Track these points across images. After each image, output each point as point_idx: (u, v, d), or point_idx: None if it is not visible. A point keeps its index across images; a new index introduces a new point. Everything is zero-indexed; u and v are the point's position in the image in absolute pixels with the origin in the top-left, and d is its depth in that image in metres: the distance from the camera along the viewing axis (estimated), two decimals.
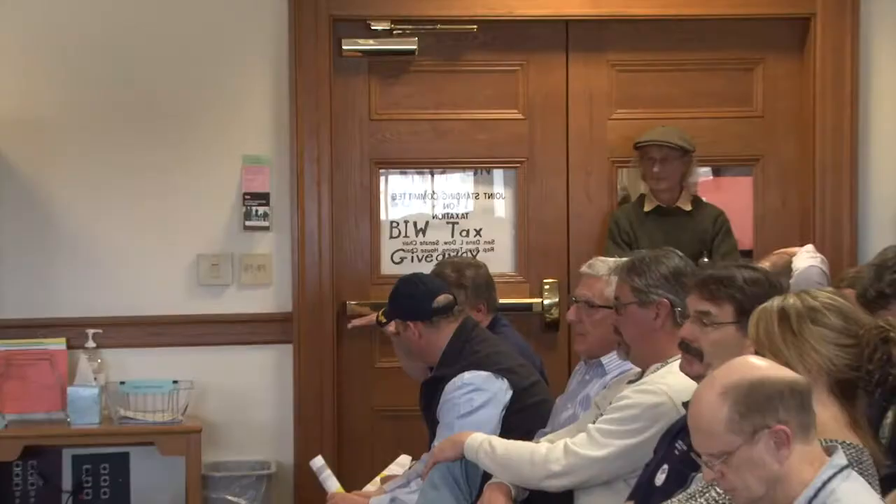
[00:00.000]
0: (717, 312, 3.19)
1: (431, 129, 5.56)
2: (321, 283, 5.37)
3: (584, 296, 4.01)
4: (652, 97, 5.60)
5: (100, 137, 5.28)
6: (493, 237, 5.64)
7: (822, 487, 2.36)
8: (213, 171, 5.35)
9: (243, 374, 5.38)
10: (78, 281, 5.28)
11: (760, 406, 2.37)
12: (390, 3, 5.46)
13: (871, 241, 5.47)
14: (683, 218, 5.37)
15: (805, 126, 5.59)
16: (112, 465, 5.29)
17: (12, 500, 5.18)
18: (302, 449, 5.28)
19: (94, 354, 5.17)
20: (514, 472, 3.65)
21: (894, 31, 5.55)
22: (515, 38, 5.55)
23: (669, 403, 3.40)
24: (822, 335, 2.82)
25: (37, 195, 5.26)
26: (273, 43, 5.34)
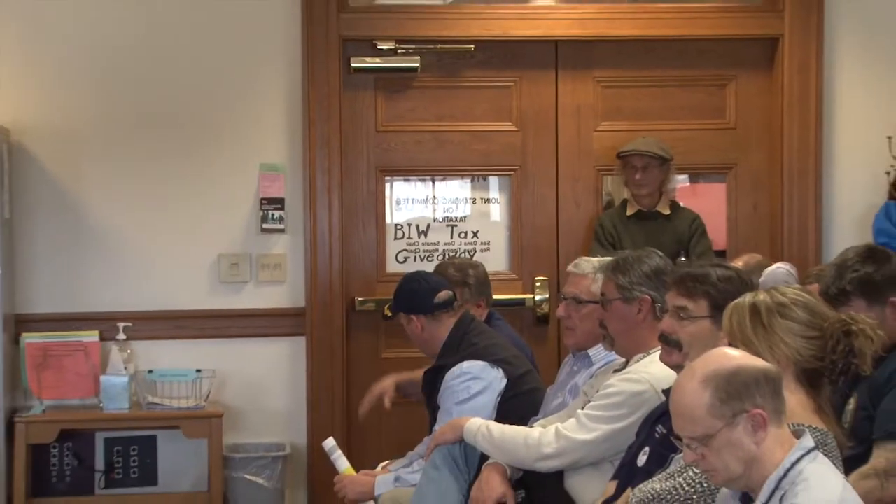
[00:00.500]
0: (692, 307, 3.20)
1: (432, 140, 5.56)
2: (331, 280, 5.37)
3: (572, 293, 4.00)
4: (634, 111, 5.60)
5: (129, 147, 5.28)
6: (488, 238, 5.64)
7: (792, 467, 2.37)
8: (233, 178, 5.34)
9: (260, 363, 5.37)
10: (109, 278, 5.28)
11: (739, 392, 2.37)
12: (395, 24, 5.47)
13: (833, 243, 5.47)
14: (662, 221, 5.37)
15: (774, 137, 5.60)
16: (140, 446, 5.29)
17: (50, 479, 5.18)
18: (314, 432, 5.28)
19: (125, 346, 5.17)
20: (509, 453, 3.66)
21: (855, 51, 5.55)
22: (509, 57, 5.55)
23: (651, 391, 3.41)
24: (789, 328, 2.83)
25: (70, 199, 5.26)
26: (288, 61, 5.34)
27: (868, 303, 3.56)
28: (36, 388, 5.09)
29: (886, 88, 5.53)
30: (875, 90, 5.55)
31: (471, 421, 3.78)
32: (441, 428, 3.93)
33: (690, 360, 3.11)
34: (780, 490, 2.35)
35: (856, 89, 5.56)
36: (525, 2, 6.06)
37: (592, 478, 3.51)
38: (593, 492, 3.46)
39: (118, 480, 5.26)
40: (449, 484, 3.78)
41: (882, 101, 5.52)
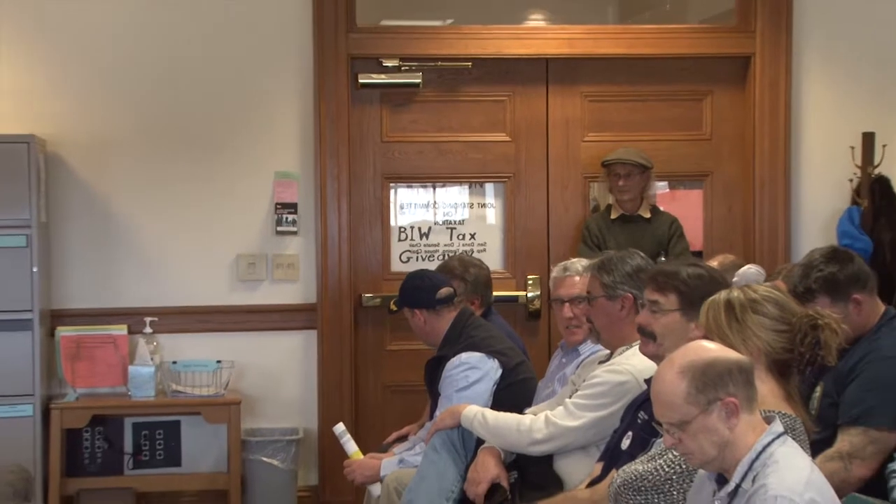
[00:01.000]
0: (663, 301, 3.19)
1: (433, 150, 5.56)
2: (340, 278, 5.37)
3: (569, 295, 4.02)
4: (618, 123, 5.60)
5: (155, 156, 5.28)
6: (485, 240, 5.64)
7: (763, 451, 2.37)
8: (250, 185, 5.34)
9: (275, 355, 5.37)
10: (136, 276, 5.28)
11: (714, 382, 2.37)
12: (399, 43, 5.47)
13: (800, 244, 5.48)
14: (644, 224, 5.37)
15: (746, 148, 5.60)
16: (166, 431, 5.29)
17: (82, 460, 5.19)
18: (325, 417, 5.27)
19: (151, 338, 5.17)
20: (503, 438, 3.66)
21: (820, 69, 5.55)
22: (503, 74, 5.55)
23: (633, 381, 3.41)
24: (761, 323, 2.82)
25: (101, 204, 5.26)
26: (301, 77, 5.34)
27: (832, 300, 3.57)
28: (70, 378, 5.09)
29: (849, 103, 5.54)
30: (839, 105, 5.55)
31: (468, 408, 3.78)
32: (441, 414, 3.93)
33: (664, 349, 3.14)
34: (753, 471, 2.35)
35: (821, 104, 5.56)
36: (518, 23, 6.10)
37: (580, 460, 3.51)
38: (581, 473, 3.46)
39: (145, 462, 5.27)
40: (448, 465, 3.78)
41: (845, 114, 5.52)
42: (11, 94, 5.16)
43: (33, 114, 5.14)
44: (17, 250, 4.84)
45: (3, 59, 5.16)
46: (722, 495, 2.41)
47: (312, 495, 5.37)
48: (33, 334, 4.86)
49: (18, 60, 5.17)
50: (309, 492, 5.37)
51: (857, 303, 3.61)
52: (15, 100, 5.15)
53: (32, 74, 5.18)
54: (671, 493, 2.80)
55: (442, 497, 3.73)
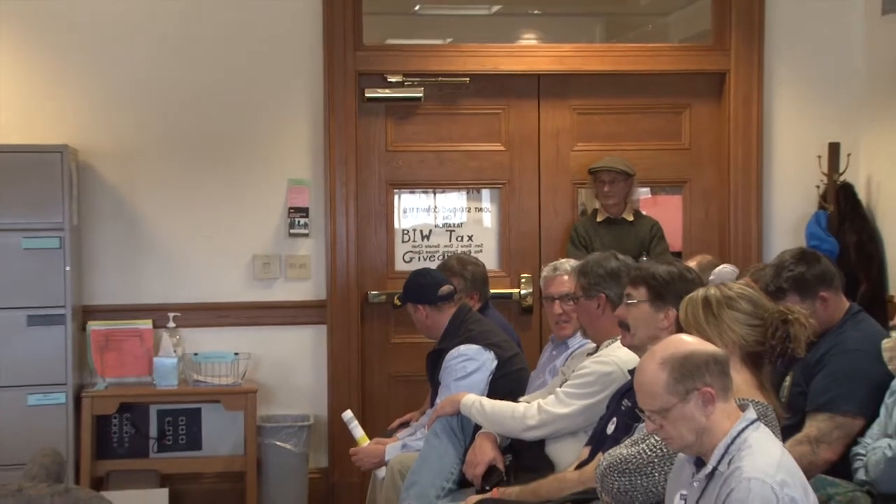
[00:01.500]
0: (635, 294, 3.23)
1: (434, 158, 5.56)
2: (348, 277, 5.37)
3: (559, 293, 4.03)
4: (604, 134, 5.60)
5: (177, 164, 5.28)
6: (481, 242, 5.63)
7: (738, 436, 2.38)
8: (265, 191, 5.34)
9: (288, 347, 5.37)
10: (160, 275, 5.27)
11: (692, 373, 2.38)
12: (402, 60, 5.47)
13: (772, 245, 5.48)
14: (627, 227, 5.37)
15: (722, 157, 5.61)
16: (187, 417, 5.28)
17: (111, 444, 5.18)
18: (334, 405, 5.27)
19: (174, 332, 5.17)
20: (498, 425, 3.67)
21: (790, 84, 5.55)
22: (499, 88, 5.55)
23: (618, 372, 3.42)
24: (736, 318, 2.83)
25: (128, 208, 5.26)
26: (312, 92, 5.33)
27: (801, 297, 3.58)
28: (99, 368, 5.09)
29: (816, 115, 5.54)
30: (807, 117, 5.55)
31: (466, 396, 3.79)
32: (441, 402, 3.94)
33: (637, 339, 3.18)
34: (728, 455, 2.36)
35: (790, 116, 5.56)
36: (512, 42, 6.12)
37: (569, 444, 3.52)
38: (570, 456, 3.47)
39: (168, 445, 5.26)
40: (447, 449, 3.79)
41: (812, 126, 5.52)
42: (47, 107, 5.16)
43: (66, 125, 5.14)
44: (52, 251, 4.83)
45: (39, 74, 5.16)
46: (700, 477, 2.41)
47: (322, 477, 5.37)
48: (66, 328, 4.85)
49: (53, 76, 5.17)
50: (319, 473, 5.36)
51: (823, 300, 3.62)
52: (50, 112, 5.15)
53: (66, 89, 5.18)
54: (653, 475, 2.80)
55: (442, 478, 3.73)
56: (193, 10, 5.24)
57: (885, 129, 5.33)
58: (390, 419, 4.75)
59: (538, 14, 6.65)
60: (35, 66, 5.16)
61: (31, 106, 5.15)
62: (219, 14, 5.26)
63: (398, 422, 4.59)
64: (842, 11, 5.50)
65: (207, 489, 5.29)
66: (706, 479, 2.39)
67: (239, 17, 5.27)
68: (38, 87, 5.16)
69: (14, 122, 5.11)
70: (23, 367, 4.81)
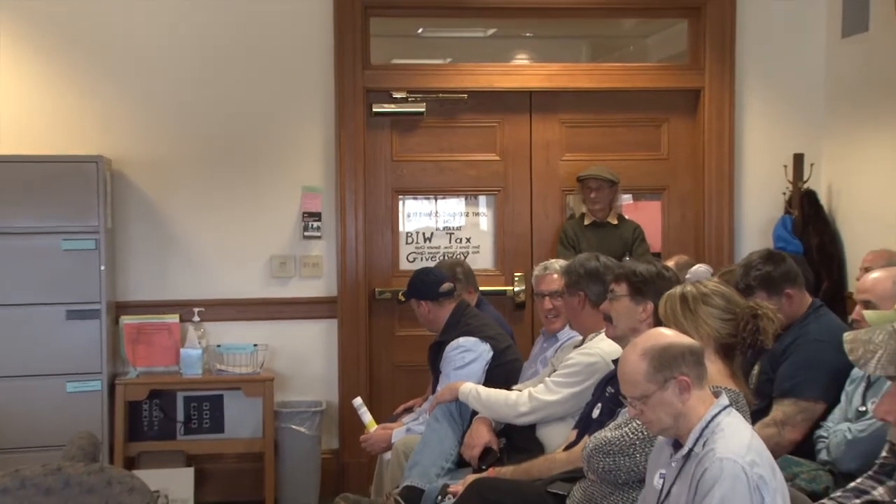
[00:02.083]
0: (617, 289, 3.25)
1: (435, 168, 5.56)
2: (357, 275, 5.37)
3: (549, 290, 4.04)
4: (590, 145, 5.60)
5: (203, 172, 5.27)
6: (478, 243, 5.64)
7: (712, 420, 2.39)
8: (282, 197, 5.33)
9: (303, 339, 5.36)
10: (186, 273, 5.27)
11: (669, 363, 2.39)
12: (406, 78, 5.47)
13: (742, 246, 5.48)
14: (612, 229, 5.38)
15: (697, 166, 5.61)
16: (211, 403, 5.27)
17: (142, 427, 5.19)
18: (344, 392, 5.27)
19: (199, 326, 5.17)
20: (493, 411, 3.68)
21: (758, 100, 5.55)
22: (494, 104, 5.54)
23: (602, 362, 3.43)
24: (710, 313, 2.84)
25: (157, 213, 5.26)
26: (324, 107, 5.33)
27: (769, 294, 3.59)
28: (131, 358, 5.09)
29: (782, 129, 5.54)
30: (773, 130, 5.56)
31: (464, 384, 3.80)
32: (441, 390, 3.95)
33: (619, 330, 3.19)
34: (703, 437, 2.37)
35: (759, 129, 5.57)
36: (506, 61, 6.13)
37: (558, 428, 3.53)
38: (559, 439, 3.48)
39: (194, 429, 5.26)
40: (447, 433, 3.80)
41: (779, 138, 5.52)
42: (84, 121, 5.16)
43: (100, 137, 5.14)
44: (88, 252, 4.83)
45: (75, 90, 5.16)
46: (677, 457, 2.42)
47: (334, 457, 5.37)
48: (101, 322, 4.85)
49: (88, 92, 5.16)
50: (331, 454, 5.37)
51: (789, 296, 3.63)
52: (85, 125, 5.16)
53: (100, 104, 5.17)
54: (635, 456, 2.81)
55: (442, 459, 3.74)
56: (219, 31, 5.24)
57: (844, 141, 5.34)
58: (395, 405, 4.75)
59: (530, 36, 6.66)
60: (71, 82, 5.15)
61: (68, 119, 5.15)
62: (241, 35, 5.26)
63: (402, 407, 4.60)
64: (805, 34, 5.50)
65: (229, 468, 5.30)
66: (683, 460, 2.39)
67: (259, 38, 5.27)
68: (74, 101, 5.16)
69: (52, 134, 5.11)
70: (62, 357, 4.81)
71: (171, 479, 4.99)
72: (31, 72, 5.13)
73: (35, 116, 5.13)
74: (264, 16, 5.26)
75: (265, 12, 5.26)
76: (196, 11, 5.22)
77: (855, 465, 3.11)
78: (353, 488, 4.52)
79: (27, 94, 5.13)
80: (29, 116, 5.12)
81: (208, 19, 5.23)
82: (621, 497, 2.87)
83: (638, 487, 2.78)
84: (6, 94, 5.11)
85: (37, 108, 5.13)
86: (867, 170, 5.16)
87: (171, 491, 4.99)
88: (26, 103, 5.12)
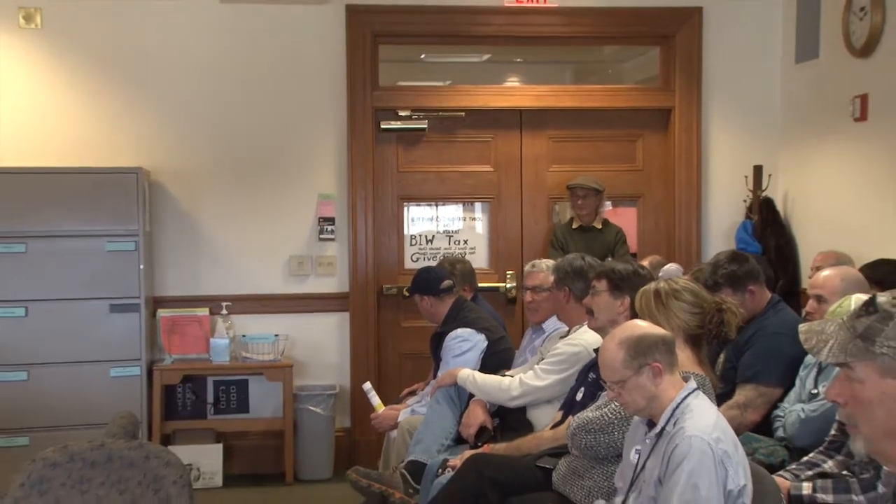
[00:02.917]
0: (598, 285, 3.25)
1: (436, 177, 5.56)
2: (367, 273, 5.37)
3: (532, 284, 4.04)
4: (574, 158, 5.60)
5: (230, 181, 5.28)
6: (474, 245, 5.63)
7: (681, 402, 2.39)
8: (300, 203, 5.33)
9: (318, 330, 5.36)
10: (215, 272, 5.27)
11: (644, 351, 2.39)
12: (410, 98, 5.47)
13: (708, 248, 5.48)
14: (597, 232, 5.37)
15: (668, 176, 5.61)
16: (237, 386, 5.28)
17: (176, 408, 5.18)
18: (355, 377, 5.27)
19: (226, 318, 5.16)
20: (488, 394, 3.68)
21: (722, 118, 5.55)
22: (489, 121, 5.55)
23: (584, 351, 3.43)
24: (680, 307, 2.84)
25: (190, 218, 5.26)
26: (338, 124, 5.33)
27: (733, 290, 3.59)
28: (167, 347, 5.09)
29: (743, 143, 5.54)
30: (736, 145, 5.56)
31: (462, 371, 3.80)
32: (441, 375, 3.95)
33: (600, 321, 3.19)
34: (674, 417, 2.37)
35: (723, 144, 5.57)
36: (499, 83, 6.13)
37: (546, 410, 3.53)
38: (546, 419, 3.48)
39: (222, 409, 5.27)
40: (447, 413, 3.80)
41: (740, 152, 5.52)
42: (126, 137, 5.16)
43: (140, 150, 5.15)
44: (128, 252, 4.84)
45: (116, 107, 5.16)
46: (651, 435, 2.42)
47: (346, 435, 5.37)
48: (140, 315, 4.86)
49: (127, 109, 5.17)
50: (343, 432, 5.37)
51: (751, 292, 3.64)
52: (128, 141, 5.16)
53: (139, 120, 5.18)
54: (613, 434, 2.82)
55: (443, 437, 3.75)
56: (245, 57, 5.24)
57: (798, 154, 5.34)
58: (401, 389, 4.75)
59: (520, 62, 6.67)
60: (114, 103, 5.16)
61: (112, 135, 5.15)
62: (266, 60, 5.26)
63: (407, 391, 4.60)
64: (763, 60, 5.50)
65: (253, 444, 5.30)
66: (656, 437, 2.40)
67: (282, 63, 5.27)
68: (117, 120, 5.16)
69: (97, 149, 5.11)
70: (106, 346, 4.82)
71: (202, 454, 5.01)
72: (79, 94, 5.13)
73: (83, 133, 5.13)
74: (286, 43, 5.26)
75: (287, 41, 5.26)
76: (226, 41, 5.22)
77: (808, 442, 3.11)
78: (363, 462, 4.51)
79: (76, 114, 5.13)
80: (77, 133, 5.12)
81: (236, 47, 5.23)
82: (601, 470, 2.88)
83: (616, 461, 2.78)
84: (58, 114, 5.11)
85: (84, 126, 5.13)
86: (818, 180, 5.16)
87: (203, 464, 5.01)
88: (76, 122, 5.12)
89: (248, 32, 5.23)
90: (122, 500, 2.48)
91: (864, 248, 4.43)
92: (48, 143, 5.08)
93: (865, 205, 4.73)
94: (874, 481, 2.64)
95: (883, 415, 1.41)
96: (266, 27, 5.24)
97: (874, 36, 4.53)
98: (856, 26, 4.69)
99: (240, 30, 5.22)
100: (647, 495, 2.34)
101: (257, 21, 5.23)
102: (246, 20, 5.23)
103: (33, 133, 5.08)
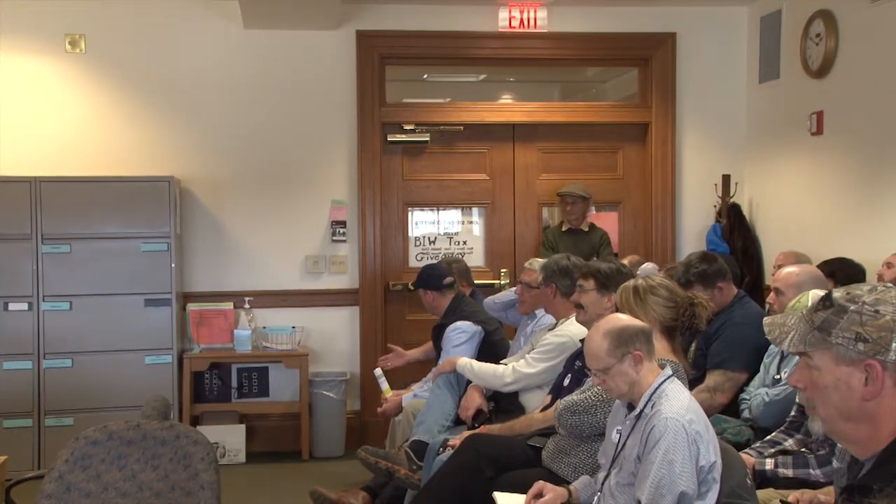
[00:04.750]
0: (586, 284, 3.25)
1: (437, 185, 5.56)
2: (375, 271, 5.37)
3: (524, 280, 4.04)
4: (561, 167, 5.60)
5: (253, 189, 5.28)
6: (472, 246, 5.63)
7: (658, 387, 2.38)
8: (314, 208, 5.34)
9: (331, 322, 5.36)
10: (238, 270, 5.28)
11: (625, 341, 2.39)
12: (414, 114, 5.47)
13: (682, 248, 5.49)
14: (584, 235, 5.37)
15: (646, 184, 5.61)
16: (258, 373, 5.28)
17: (204, 392, 5.18)
18: (365, 365, 5.27)
19: (248, 311, 5.18)
20: (484, 380, 3.68)
21: (693, 132, 5.56)
22: (484, 134, 5.55)
23: (571, 341, 3.42)
24: (657, 301, 2.84)
25: (216, 221, 5.26)
26: (349, 136, 5.34)
27: (704, 286, 3.59)
28: (196, 337, 5.10)
29: (713, 155, 5.55)
30: (706, 155, 5.56)
31: (461, 359, 3.80)
32: (442, 363, 3.94)
33: (588, 316, 3.18)
34: (652, 401, 2.36)
35: (695, 155, 5.57)
36: (494, 100, 6.13)
37: (536, 394, 3.53)
38: (536, 402, 3.48)
39: (245, 393, 5.26)
40: (447, 397, 3.80)
41: (710, 162, 5.53)
42: (159, 148, 5.17)
43: (171, 161, 5.16)
44: (161, 253, 4.85)
45: (154, 124, 5.17)
46: (631, 417, 2.42)
47: (356, 417, 5.37)
48: (172, 309, 4.87)
49: (159, 123, 5.18)
50: (354, 415, 5.37)
51: (720, 288, 3.64)
52: (161, 152, 5.17)
53: (173, 135, 5.19)
54: (597, 415, 2.83)
55: (443, 419, 3.74)
56: (266, 77, 5.25)
57: (762, 164, 5.35)
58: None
59: (513, 81, 6.68)
60: (148, 118, 5.17)
61: (146, 147, 5.16)
62: (284, 79, 5.27)
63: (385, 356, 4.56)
64: (730, 80, 5.51)
65: (273, 425, 5.30)
66: (635, 419, 2.39)
67: (298, 82, 5.28)
68: (151, 133, 5.17)
69: (133, 159, 5.12)
70: (141, 336, 4.83)
71: (227, 434, 5.02)
72: (118, 112, 5.14)
73: (121, 146, 5.14)
74: (303, 65, 5.27)
75: (303, 62, 5.27)
76: (249, 63, 5.23)
77: (771, 422, 3.11)
78: (371, 441, 4.52)
79: (115, 129, 5.14)
80: (116, 147, 5.13)
81: (258, 69, 5.24)
82: (586, 448, 2.88)
83: (599, 440, 2.78)
84: (99, 129, 5.13)
85: (122, 140, 5.14)
86: (780, 188, 5.17)
87: (227, 443, 5.01)
88: (115, 136, 5.14)
89: (269, 56, 5.24)
90: (155, 475, 2.49)
91: (820, 247, 4.45)
92: (90, 156, 5.09)
93: (821, 210, 4.75)
94: (829, 457, 2.66)
95: (838, 398, 1.42)
96: (285, 51, 5.25)
97: (829, 59, 4.57)
98: (812, 51, 4.72)
99: (262, 53, 5.23)
100: (627, 471, 2.35)
101: (277, 45, 5.24)
102: (267, 45, 5.23)
103: (78, 147, 5.10)
